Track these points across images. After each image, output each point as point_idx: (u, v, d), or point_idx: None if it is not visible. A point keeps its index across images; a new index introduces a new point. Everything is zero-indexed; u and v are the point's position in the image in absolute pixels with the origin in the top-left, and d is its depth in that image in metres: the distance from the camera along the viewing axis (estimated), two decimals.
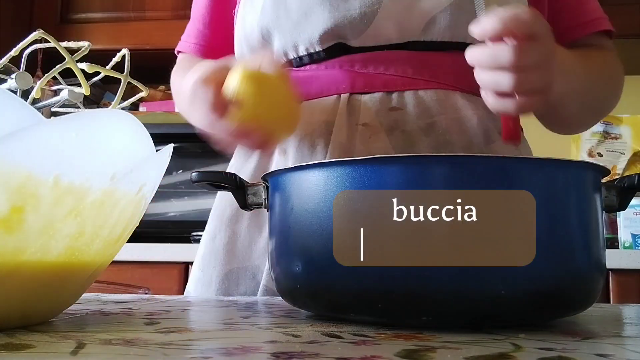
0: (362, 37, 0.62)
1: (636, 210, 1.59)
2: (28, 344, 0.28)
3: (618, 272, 1.42)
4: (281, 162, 0.64)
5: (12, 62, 0.40)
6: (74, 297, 0.38)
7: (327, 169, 0.36)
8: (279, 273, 0.41)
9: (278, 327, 0.35)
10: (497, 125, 0.64)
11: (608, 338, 0.32)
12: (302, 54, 0.64)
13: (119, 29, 1.95)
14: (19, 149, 0.28)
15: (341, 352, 0.27)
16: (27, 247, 0.30)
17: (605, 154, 1.97)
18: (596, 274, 0.37)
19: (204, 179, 0.45)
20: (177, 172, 1.75)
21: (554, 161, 0.36)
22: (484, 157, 0.36)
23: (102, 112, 0.31)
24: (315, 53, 0.64)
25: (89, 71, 0.38)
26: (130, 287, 1.57)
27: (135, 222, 0.37)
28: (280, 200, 0.40)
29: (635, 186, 0.39)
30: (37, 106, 0.41)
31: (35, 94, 0.37)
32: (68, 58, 0.35)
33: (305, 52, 0.64)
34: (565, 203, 0.35)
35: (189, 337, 0.31)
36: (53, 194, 0.30)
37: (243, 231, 0.65)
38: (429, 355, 0.26)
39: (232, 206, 0.66)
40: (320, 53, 0.63)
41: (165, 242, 1.59)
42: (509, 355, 0.26)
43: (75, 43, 0.39)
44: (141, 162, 0.34)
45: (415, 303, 0.34)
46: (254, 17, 0.66)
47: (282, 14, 0.64)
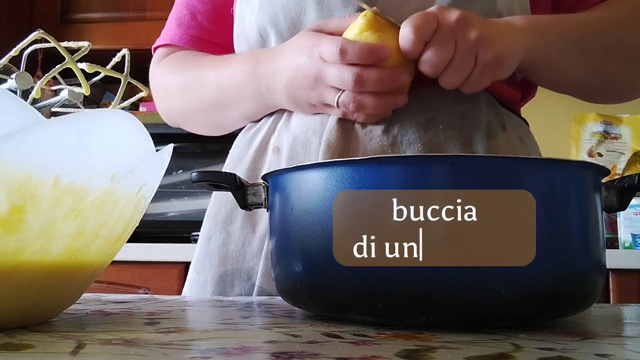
0: None
1: (636, 210, 1.59)
2: (28, 344, 0.28)
3: (618, 272, 1.42)
4: (275, 161, 0.64)
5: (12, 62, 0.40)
6: (74, 297, 0.38)
7: (327, 169, 0.36)
8: (279, 273, 0.41)
9: (278, 327, 0.35)
10: (499, 119, 0.64)
11: (608, 338, 0.32)
12: None
13: (119, 29, 1.96)
14: (19, 149, 0.28)
15: (341, 352, 0.27)
16: (27, 247, 0.30)
17: (605, 154, 1.97)
18: (596, 274, 0.37)
19: (203, 179, 0.45)
20: (177, 172, 1.75)
21: (554, 161, 0.36)
22: (484, 157, 0.36)
23: (102, 112, 0.31)
24: None
25: (89, 71, 0.38)
26: (130, 287, 1.57)
27: (135, 222, 0.37)
28: (280, 200, 0.40)
29: (635, 186, 0.39)
30: (37, 106, 0.41)
31: (35, 94, 0.37)
32: (68, 58, 0.35)
33: None
34: (565, 203, 0.35)
35: (189, 337, 0.31)
36: (53, 194, 0.30)
37: (237, 232, 0.64)
38: (429, 355, 0.26)
39: (226, 207, 0.66)
40: None
41: (165, 242, 1.60)
42: (509, 355, 0.26)
43: (75, 43, 0.39)
44: (141, 162, 0.34)
45: (415, 303, 0.34)
46: (252, 15, 0.66)
47: (279, 13, 0.63)
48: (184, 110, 0.73)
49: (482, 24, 0.54)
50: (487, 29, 0.54)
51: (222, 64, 0.67)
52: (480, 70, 0.55)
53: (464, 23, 0.53)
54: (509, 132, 0.64)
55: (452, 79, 0.55)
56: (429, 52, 0.54)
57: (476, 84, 0.56)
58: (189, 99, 0.71)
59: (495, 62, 0.55)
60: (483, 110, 0.62)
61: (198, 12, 0.75)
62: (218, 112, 0.70)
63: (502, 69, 0.56)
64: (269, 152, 0.65)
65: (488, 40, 0.53)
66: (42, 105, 0.42)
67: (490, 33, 0.54)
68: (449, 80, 0.55)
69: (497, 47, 0.54)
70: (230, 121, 0.71)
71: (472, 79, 0.55)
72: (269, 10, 0.64)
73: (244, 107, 0.67)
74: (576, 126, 2.01)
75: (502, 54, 0.54)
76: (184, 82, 0.71)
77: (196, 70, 0.70)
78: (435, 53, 0.53)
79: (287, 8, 0.63)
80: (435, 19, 0.53)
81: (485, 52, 0.54)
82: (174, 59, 0.74)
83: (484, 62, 0.54)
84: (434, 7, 0.55)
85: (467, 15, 0.53)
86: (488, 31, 0.54)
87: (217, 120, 0.72)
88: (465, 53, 0.53)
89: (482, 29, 0.53)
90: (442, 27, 0.53)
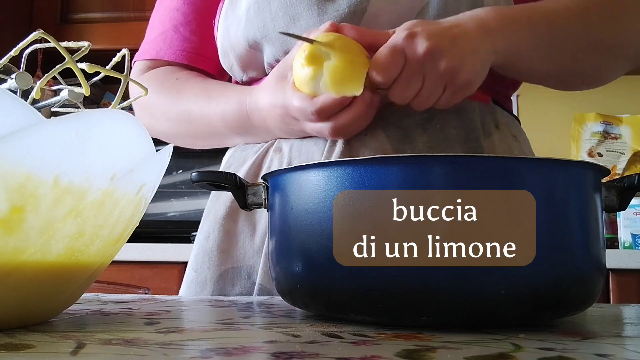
0: None
1: (636, 210, 1.59)
2: (28, 344, 0.28)
3: (618, 272, 1.42)
4: (276, 161, 0.64)
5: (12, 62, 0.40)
6: (74, 297, 0.38)
7: (327, 169, 0.36)
8: (279, 273, 0.41)
9: (278, 327, 0.35)
10: (493, 118, 0.65)
11: (608, 338, 0.32)
12: None
13: (119, 29, 1.96)
14: (19, 149, 0.28)
15: (341, 352, 0.27)
16: (27, 247, 0.30)
17: (605, 154, 1.97)
18: (596, 274, 0.37)
19: (204, 179, 0.45)
20: (177, 172, 1.75)
21: (554, 161, 0.36)
22: (484, 157, 0.36)
23: (102, 112, 0.31)
24: None
25: (89, 71, 0.37)
26: (130, 287, 1.57)
27: (135, 222, 0.37)
28: (280, 200, 0.40)
29: (635, 186, 0.39)
30: (37, 106, 0.41)
31: (35, 94, 0.37)
32: (68, 58, 0.35)
33: None
34: (565, 203, 0.35)
35: (189, 337, 0.31)
36: (53, 194, 0.30)
37: (237, 231, 0.64)
38: (429, 355, 0.26)
39: (226, 206, 0.66)
40: None
41: (165, 242, 1.60)
42: (509, 355, 0.26)
43: (75, 43, 0.39)
44: (141, 162, 0.34)
45: (415, 303, 0.34)
46: (238, 27, 0.65)
47: (268, 22, 0.63)
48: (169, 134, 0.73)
49: (449, 48, 0.53)
50: (455, 53, 0.53)
51: (208, 100, 0.67)
52: (450, 94, 0.55)
53: (431, 55, 0.52)
54: (503, 130, 0.65)
55: (420, 106, 0.56)
56: (397, 86, 0.54)
57: (447, 103, 0.56)
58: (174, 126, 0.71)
59: (465, 86, 0.55)
60: (477, 110, 0.63)
61: (180, 25, 0.74)
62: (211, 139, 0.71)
63: (471, 89, 0.56)
64: (269, 151, 0.65)
65: (457, 67, 0.53)
66: (42, 105, 0.42)
67: (459, 59, 0.53)
68: (418, 106, 0.56)
69: (466, 74, 0.54)
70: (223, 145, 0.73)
71: (442, 102, 0.56)
72: (257, 22, 0.63)
73: (239, 139, 0.69)
74: (576, 126, 2.01)
75: (470, 78, 0.54)
76: (169, 110, 0.70)
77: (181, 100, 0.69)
78: (403, 88, 0.54)
79: (276, 18, 0.62)
80: (402, 55, 0.53)
81: (453, 80, 0.54)
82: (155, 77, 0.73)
83: (453, 88, 0.55)
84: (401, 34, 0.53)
85: (435, 45, 0.52)
86: (456, 57, 0.53)
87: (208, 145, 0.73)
88: (433, 84, 0.54)
89: (450, 57, 0.53)
90: (409, 62, 0.53)
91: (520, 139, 0.68)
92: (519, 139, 0.68)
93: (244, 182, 0.45)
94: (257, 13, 0.63)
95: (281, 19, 0.62)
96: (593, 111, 2.00)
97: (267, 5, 0.63)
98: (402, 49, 0.53)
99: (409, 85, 0.54)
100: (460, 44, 0.54)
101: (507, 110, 0.69)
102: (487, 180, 0.34)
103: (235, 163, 0.69)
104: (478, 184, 0.34)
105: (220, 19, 0.69)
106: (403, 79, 0.53)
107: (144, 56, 0.75)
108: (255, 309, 0.46)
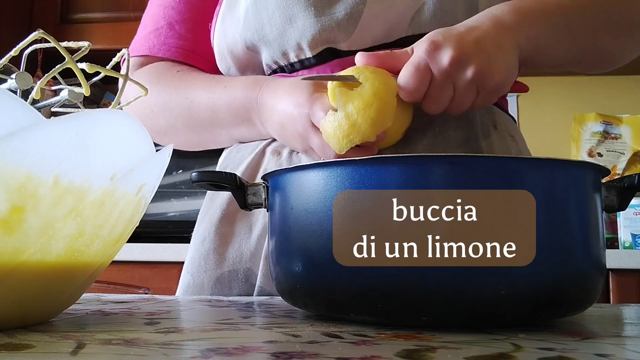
0: (351, 39, 0.61)
1: (636, 210, 1.59)
2: (28, 344, 0.28)
3: (618, 272, 1.42)
4: (273, 162, 0.64)
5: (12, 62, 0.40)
6: (74, 297, 0.38)
7: (327, 169, 0.36)
8: (279, 273, 0.41)
9: (278, 327, 0.35)
10: (492, 119, 0.65)
11: (608, 338, 0.32)
12: (292, 60, 0.64)
13: (119, 29, 1.95)
14: (19, 149, 0.28)
15: (341, 352, 0.27)
16: (27, 247, 0.30)
17: (605, 154, 1.97)
18: (596, 274, 0.37)
19: (203, 179, 0.45)
20: (177, 172, 1.75)
21: (554, 161, 0.36)
22: (484, 157, 0.36)
23: (102, 112, 0.31)
24: (306, 59, 0.63)
25: (89, 71, 0.37)
26: (130, 287, 1.57)
27: (135, 222, 0.37)
28: (280, 200, 0.40)
29: (635, 186, 0.39)
30: (37, 106, 0.41)
31: (35, 94, 0.37)
32: (68, 58, 0.35)
33: (296, 58, 0.63)
34: (565, 203, 0.35)
35: (189, 337, 0.31)
36: (53, 194, 0.30)
37: (233, 233, 0.64)
38: (429, 355, 0.26)
39: (221, 209, 0.65)
40: (310, 60, 0.63)
41: (165, 242, 1.59)
42: (509, 355, 0.26)
43: (75, 43, 0.39)
44: (141, 162, 0.34)
45: (415, 303, 0.34)
46: (236, 29, 0.65)
47: (265, 24, 0.62)
48: (167, 127, 0.71)
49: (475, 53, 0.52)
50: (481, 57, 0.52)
51: (217, 85, 0.66)
52: (484, 96, 0.55)
53: (458, 63, 0.52)
54: (501, 130, 0.65)
55: (456, 111, 0.56)
56: (428, 100, 0.53)
57: (483, 105, 0.56)
58: (174, 116, 0.69)
59: (497, 89, 0.54)
60: (476, 111, 0.63)
61: (176, 22, 0.73)
62: (207, 132, 0.69)
63: (504, 90, 0.56)
64: (267, 153, 0.65)
65: (486, 72, 0.53)
66: (42, 105, 0.42)
67: (487, 62, 0.53)
68: (453, 112, 0.56)
69: (496, 76, 0.53)
70: (216, 142, 0.71)
71: (478, 104, 0.55)
72: (255, 24, 0.63)
73: (237, 131, 0.67)
74: (576, 126, 2.01)
75: (501, 79, 0.54)
76: (169, 99, 0.69)
77: (185, 87, 0.68)
78: (434, 101, 0.53)
79: (273, 19, 0.62)
80: (428, 70, 0.52)
81: (484, 84, 0.53)
82: (154, 71, 0.71)
83: (485, 92, 0.54)
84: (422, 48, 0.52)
85: (459, 52, 0.52)
86: (483, 61, 0.52)
87: (203, 140, 0.71)
88: (464, 91, 0.53)
89: (477, 62, 0.52)
90: (436, 75, 0.52)
91: (517, 138, 0.68)
92: (516, 138, 0.68)
93: (244, 182, 0.45)
94: (254, 15, 0.63)
95: (278, 20, 0.62)
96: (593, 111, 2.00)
97: (265, 6, 0.63)
98: (426, 64, 0.52)
99: (440, 97, 0.53)
100: (484, 46, 0.53)
101: (503, 110, 0.70)
102: (487, 180, 0.34)
103: (231, 165, 0.69)
104: (478, 184, 0.34)
105: (217, 22, 0.69)
106: (433, 93, 0.53)
107: (137, 52, 0.74)
108: (255, 309, 0.46)
